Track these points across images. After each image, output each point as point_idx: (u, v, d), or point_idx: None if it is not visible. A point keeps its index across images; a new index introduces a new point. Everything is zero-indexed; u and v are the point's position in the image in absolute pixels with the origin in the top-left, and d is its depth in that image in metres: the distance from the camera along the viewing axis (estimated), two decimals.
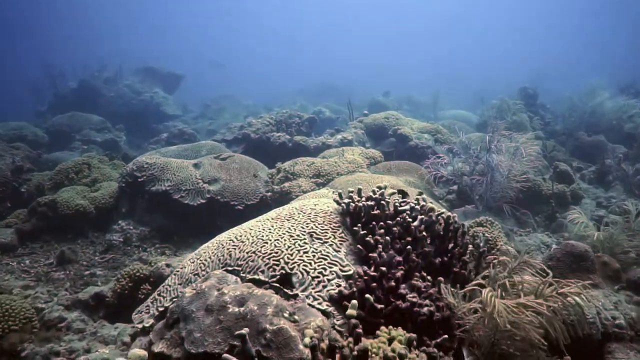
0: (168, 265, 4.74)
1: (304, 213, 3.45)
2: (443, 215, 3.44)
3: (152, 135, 15.76)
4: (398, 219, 3.23)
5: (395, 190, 3.64)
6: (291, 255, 2.98)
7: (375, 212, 3.24)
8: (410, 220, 3.24)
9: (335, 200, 3.55)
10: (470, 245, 3.62)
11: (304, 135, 10.26)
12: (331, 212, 3.47)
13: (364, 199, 3.40)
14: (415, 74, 41.40)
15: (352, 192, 3.52)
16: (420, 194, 3.90)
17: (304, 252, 3.00)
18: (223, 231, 7.46)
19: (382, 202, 3.32)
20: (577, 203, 8.66)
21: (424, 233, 3.29)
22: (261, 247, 3.11)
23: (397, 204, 3.33)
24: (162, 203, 6.99)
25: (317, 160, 7.67)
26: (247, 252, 3.11)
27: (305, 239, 3.13)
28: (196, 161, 7.58)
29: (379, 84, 27.91)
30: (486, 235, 3.57)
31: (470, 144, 7.79)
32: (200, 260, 3.35)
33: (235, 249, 3.21)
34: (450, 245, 3.48)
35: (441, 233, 3.47)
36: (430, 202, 3.57)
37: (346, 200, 3.38)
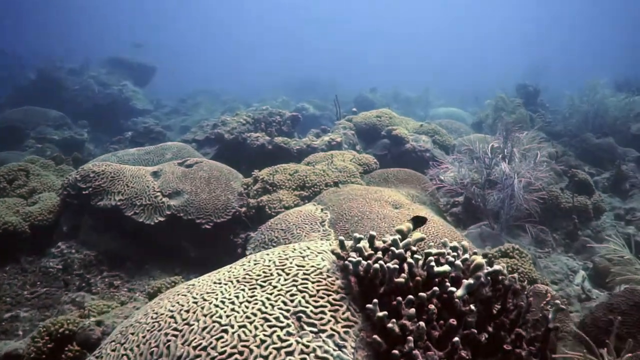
0: (99, 324, 3.48)
1: (287, 274, 2.23)
2: (493, 273, 2.28)
3: (120, 132, 14.37)
4: (435, 288, 2.04)
5: (422, 236, 2.43)
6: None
7: (400, 279, 2.03)
8: (452, 289, 2.06)
9: (335, 253, 2.34)
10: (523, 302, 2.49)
11: (285, 136, 9.04)
12: (328, 272, 2.25)
13: (379, 253, 2.20)
14: (401, 69, 40.29)
15: (360, 239, 2.31)
16: (460, 248, 2.71)
17: (288, 354, 1.80)
18: (189, 255, 6.22)
19: (409, 259, 2.13)
20: (598, 218, 7.61)
21: (471, 306, 2.13)
22: (217, 339, 1.91)
23: (430, 262, 2.13)
24: (112, 221, 5.71)
25: (302, 168, 6.45)
26: (195, 348, 1.90)
27: (289, 325, 1.93)
28: (156, 168, 6.31)
29: (364, 80, 26.79)
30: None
31: (477, 149, 6.66)
32: (125, 351, 2.12)
33: (175, 338, 1.99)
34: (499, 310, 2.34)
35: (488, 295, 2.32)
36: (475, 253, 2.38)
37: (353, 257, 2.17)
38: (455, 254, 2.32)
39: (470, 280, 2.11)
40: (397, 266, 2.00)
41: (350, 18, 67.09)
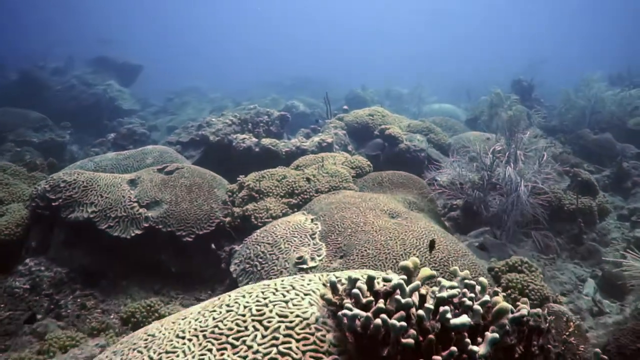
0: None
1: (266, 328, 1.79)
2: (519, 318, 1.87)
3: (106, 133, 13.86)
4: (452, 349, 1.61)
5: (432, 273, 2.00)
6: None
7: (408, 339, 1.60)
8: (474, 349, 1.64)
9: (326, 299, 1.90)
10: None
11: (274, 137, 8.61)
12: (317, 322, 1.82)
13: (380, 300, 1.76)
14: (391, 65, 39.79)
15: (355, 280, 1.87)
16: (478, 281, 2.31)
17: None
18: (169, 268, 5.79)
19: (418, 311, 1.70)
20: (602, 220, 7.25)
21: None
22: None
23: (445, 313, 1.70)
24: (85, 234, 5.26)
25: (291, 173, 6.02)
26: None
27: None
28: (133, 176, 5.85)
29: (355, 76, 26.35)
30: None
31: (477, 150, 6.25)
32: None
33: None
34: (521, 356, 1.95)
35: (512, 343, 1.91)
36: (495, 293, 1.96)
37: (348, 306, 1.72)
38: (471, 294, 1.90)
39: (495, 334, 1.70)
40: (404, 324, 1.57)
41: (340, 15, 66.50)
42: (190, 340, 1.82)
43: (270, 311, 1.86)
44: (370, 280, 1.83)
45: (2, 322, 4.51)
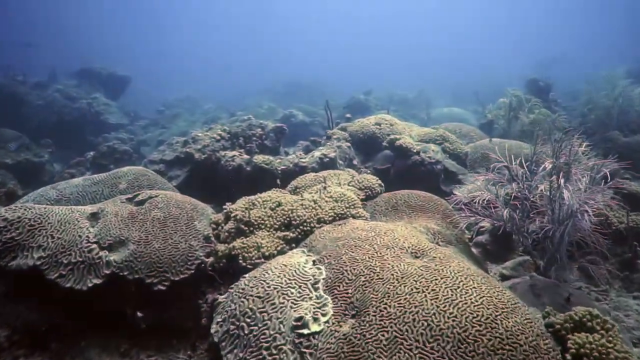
0: None
1: None
2: None
3: (91, 150, 12.86)
4: None
5: None
6: None
7: None
8: None
9: None
10: None
11: (269, 152, 7.60)
12: None
13: None
14: (393, 68, 38.79)
15: None
16: None
17: None
18: (139, 324, 4.71)
19: None
20: None
21: None
22: None
23: None
24: (32, 286, 4.22)
25: (287, 199, 4.98)
26: None
27: None
28: (95, 208, 4.82)
29: (354, 82, 25.34)
30: None
31: (509, 163, 5.20)
32: None
33: None
34: None
35: None
36: None
37: None
38: None
39: None
40: None
41: (336, 18, 65.59)
42: None
43: None
44: None
45: None
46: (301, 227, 4.59)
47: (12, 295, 4.25)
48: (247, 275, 4.00)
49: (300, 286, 3.56)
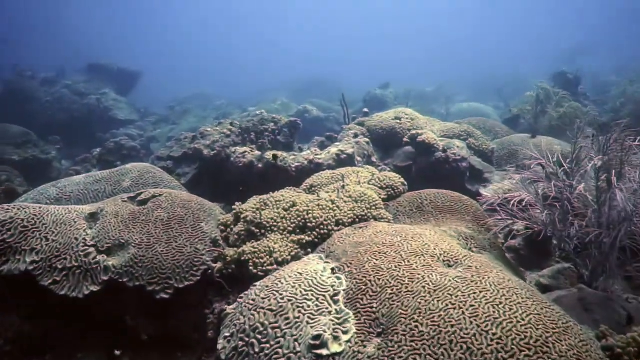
0: None
1: None
2: None
3: (99, 146, 12.58)
4: None
5: None
6: None
7: None
8: None
9: None
10: None
11: (282, 149, 7.18)
12: None
13: None
14: (408, 64, 38.13)
15: None
16: None
17: None
18: (140, 335, 4.28)
19: None
20: None
21: None
22: None
23: None
24: (25, 292, 3.85)
25: (302, 199, 4.55)
26: None
27: None
28: (95, 208, 4.44)
29: (370, 77, 24.81)
30: None
31: (546, 159, 4.73)
32: None
33: None
34: None
35: None
36: None
37: None
38: None
39: None
40: None
41: (350, 13, 64.78)
42: None
43: None
44: None
45: None
46: (318, 229, 4.17)
47: (4, 302, 3.89)
48: (258, 283, 3.59)
49: (317, 298, 3.14)
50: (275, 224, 4.26)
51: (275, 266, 3.85)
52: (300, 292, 3.21)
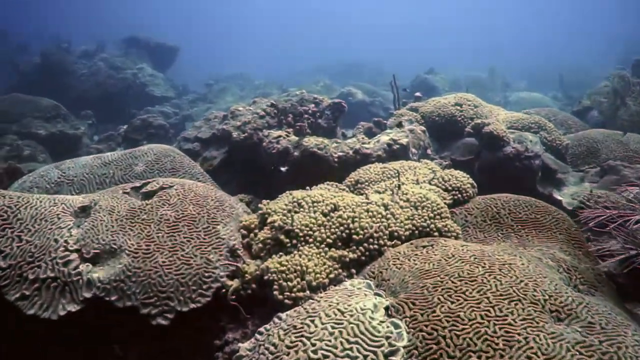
0: None
1: None
2: None
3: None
4: None
5: None
6: None
7: None
8: None
9: None
10: None
11: (323, 134, 6.20)
12: None
13: None
14: (454, 50, 36.24)
15: None
16: None
17: None
18: None
19: None
20: None
21: None
22: None
23: None
24: None
25: (346, 201, 3.55)
26: None
27: None
28: (88, 200, 3.58)
29: (415, 62, 23.34)
30: None
31: None
32: None
33: None
34: None
35: None
36: None
37: None
38: None
39: None
40: None
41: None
42: None
43: None
44: None
45: None
46: (366, 244, 3.17)
47: None
48: (283, 317, 2.64)
49: (366, 357, 2.16)
50: (310, 232, 3.29)
51: (307, 292, 2.90)
52: (340, 343, 2.24)
